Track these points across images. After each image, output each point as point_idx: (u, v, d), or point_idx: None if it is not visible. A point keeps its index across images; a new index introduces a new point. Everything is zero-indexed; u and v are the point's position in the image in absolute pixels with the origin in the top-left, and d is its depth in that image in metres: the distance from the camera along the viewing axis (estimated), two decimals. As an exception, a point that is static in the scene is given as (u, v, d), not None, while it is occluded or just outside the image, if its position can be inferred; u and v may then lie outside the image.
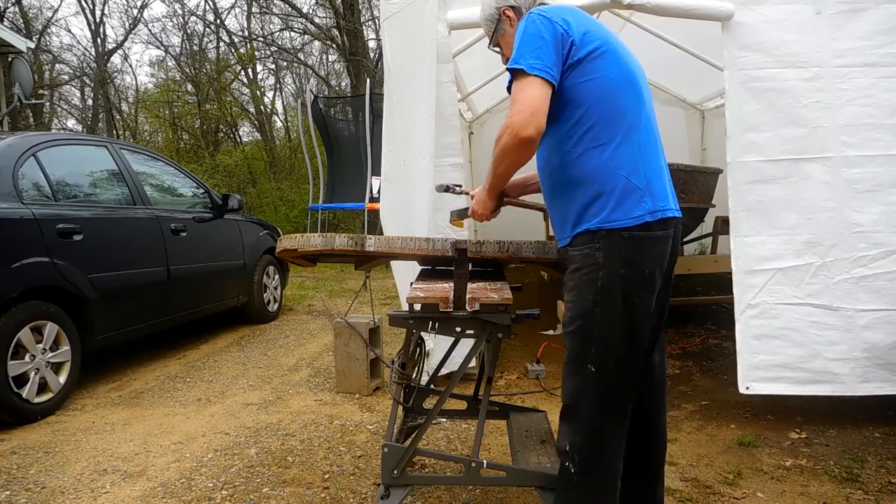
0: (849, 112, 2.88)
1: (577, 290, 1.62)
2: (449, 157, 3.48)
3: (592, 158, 1.59)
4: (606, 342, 1.59)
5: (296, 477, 2.54)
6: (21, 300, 3.22)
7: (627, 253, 1.57)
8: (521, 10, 1.82)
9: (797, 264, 2.89)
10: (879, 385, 2.82)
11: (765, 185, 2.93)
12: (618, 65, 1.63)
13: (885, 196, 2.85)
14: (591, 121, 1.60)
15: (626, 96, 1.63)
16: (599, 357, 1.60)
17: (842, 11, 2.90)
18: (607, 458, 1.63)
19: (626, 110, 1.62)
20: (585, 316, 1.60)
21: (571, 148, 1.62)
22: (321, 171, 10.14)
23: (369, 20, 15.87)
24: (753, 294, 2.90)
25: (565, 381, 1.69)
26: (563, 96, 1.61)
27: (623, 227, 1.56)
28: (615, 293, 1.57)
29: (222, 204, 5.21)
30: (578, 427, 1.63)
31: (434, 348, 3.32)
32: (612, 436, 1.64)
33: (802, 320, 2.87)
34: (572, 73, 1.60)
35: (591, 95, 1.60)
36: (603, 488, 1.63)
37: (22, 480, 2.54)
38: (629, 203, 1.57)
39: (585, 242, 1.61)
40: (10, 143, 3.54)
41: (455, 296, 1.89)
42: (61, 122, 20.09)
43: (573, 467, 1.62)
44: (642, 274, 1.59)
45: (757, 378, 2.88)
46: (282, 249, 2.06)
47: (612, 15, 5.01)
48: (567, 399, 1.68)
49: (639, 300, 1.59)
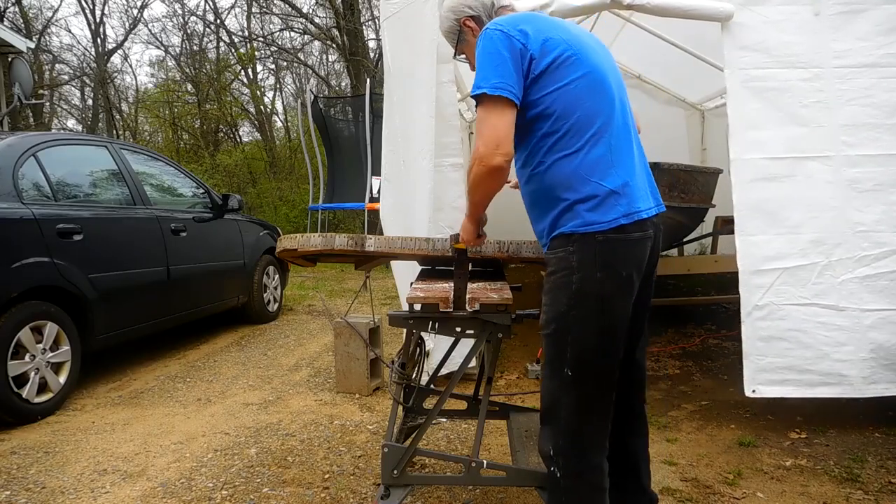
0: (848, 112, 2.88)
1: (552, 294, 1.63)
2: (449, 157, 3.48)
3: (563, 167, 1.60)
4: (582, 345, 1.59)
5: (296, 477, 2.54)
6: (21, 300, 3.22)
7: (602, 256, 1.57)
8: (481, 19, 1.82)
9: (803, 264, 2.86)
10: (886, 386, 2.79)
11: (768, 183, 2.91)
12: (583, 68, 1.61)
13: (886, 195, 2.85)
14: (560, 130, 1.59)
15: (595, 99, 1.61)
16: (575, 360, 1.60)
17: (840, 13, 2.90)
18: (592, 460, 1.63)
19: (595, 114, 1.60)
20: (560, 319, 1.61)
21: (542, 158, 1.63)
22: (321, 171, 10.14)
23: (369, 20, 15.88)
24: (760, 295, 2.86)
25: (543, 384, 1.70)
26: (531, 109, 1.61)
27: (597, 230, 1.56)
28: (590, 296, 1.57)
29: (222, 204, 5.21)
30: (559, 430, 1.63)
31: (434, 348, 3.32)
32: (594, 437, 1.64)
33: (810, 321, 2.83)
34: (536, 85, 1.60)
35: (558, 105, 1.59)
36: (591, 489, 1.63)
37: (22, 480, 2.54)
38: (603, 207, 1.57)
39: (560, 246, 1.62)
40: (10, 143, 3.54)
41: (455, 296, 1.89)
42: (61, 122, 20.10)
43: (559, 471, 1.62)
44: (619, 276, 1.58)
45: (763, 381, 2.83)
46: (282, 249, 2.06)
47: (612, 15, 5.02)
48: (546, 401, 1.68)
49: (615, 303, 1.59)
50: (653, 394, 3.51)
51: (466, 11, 1.84)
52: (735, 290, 2.97)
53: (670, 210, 4.06)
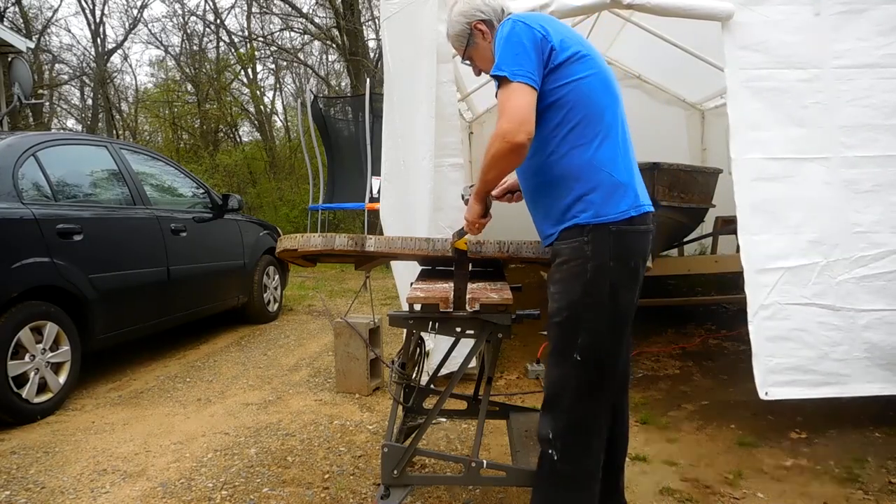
0: (847, 113, 2.88)
1: (565, 283, 1.68)
2: (449, 157, 3.48)
3: (576, 157, 1.66)
4: (593, 333, 1.65)
5: (296, 477, 2.54)
6: (21, 300, 3.22)
7: (615, 247, 1.64)
8: (492, 23, 1.86)
9: (804, 263, 2.87)
10: (882, 386, 2.81)
11: (769, 183, 2.92)
12: (595, 67, 1.70)
13: (885, 196, 2.86)
14: (573, 121, 1.66)
15: (605, 97, 1.70)
16: (585, 347, 1.65)
17: (840, 13, 2.90)
18: (591, 446, 1.68)
19: (605, 110, 1.69)
20: (573, 307, 1.66)
21: (555, 148, 1.68)
22: (321, 171, 10.13)
23: (369, 20, 15.86)
24: (765, 294, 2.86)
25: (549, 372, 1.74)
26: (546, 99, 1.67)
27: (610, 221, 1.63)
28: (603, 285, 1.63)
29: (222, 204, 5.21)
30: (561, 416, 1.68)
31: (434, 348, 3.32)
32: (594, 425, 1.69)
33: (811, 321, 2.84)
34: (553, 76, 1.66)
35: (573, 97, 1.66)
36: (587, 476, 1.67)
37: (22, 480, 2.54)
38: (615, 198, 1.65)
39: (574, 236, 1.67)
40: (10, 143, 3.54)
41: (455, 296, 1.89)
42: (61, 121, 20.09)
43: (556, 454, 1.66)
44: (628, 267, 1.66)
45: (774, 383, 2.81)
46: (282, 249, 2.06)
47: (612, 15, 5.02)
48: (550, 389, 1.72)
49: (625, 292, 1.66)
50: (653, 394, 3.51)
51: (478, 15, 1.86)
52: (735, 290, 2.98)
53: (670, 210, 4.09)
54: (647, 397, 3.44)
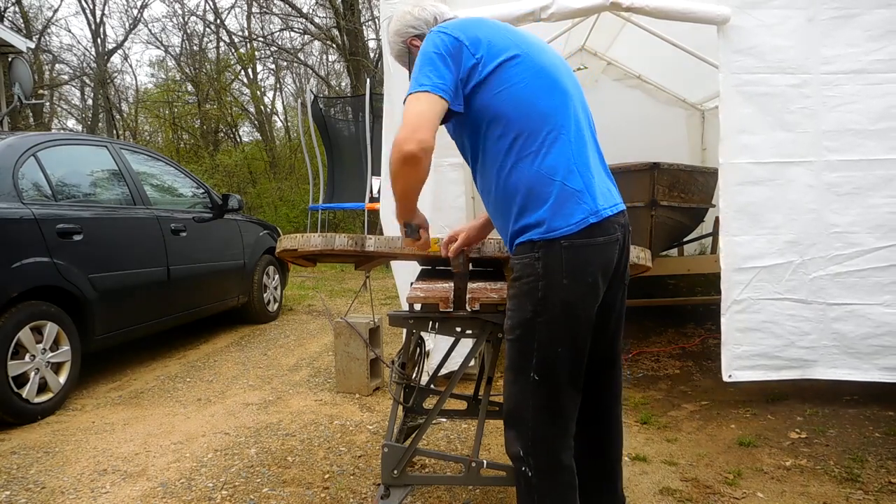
0: (833, 118, 2.97)
1: (517, 300, 1.60)
2: (449, 157, 3.47)
3: (523, 169, 1.55)
4: (547, 352, 1.57)
5: (296, 477, 2.54)
6: (21, 300, 3.21)
7: (568, 263, 1.53)
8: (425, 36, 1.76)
9: (779, 262, 3.04)
10: (849, 371, 3.01)
11: (754, 187, 3.04)
12: (534, 68, 1.59)
13: (864, 199, 2.97)
14: (514, 132, 1.55)
15: (548, 98, 1.58)
16: (541, 366, 1.57)
17: (833, 18, 2.95)
18: (562, 460, 1.62)
19: (549, 113, 1.57)
20: (525, 325, 1.58)
21: (502, 162, 1.58)
22: (321, 171, 10.14)
23: (369, 20, 15.87)
24: (739, 290, 3.05)
25: (506, 388, 1.65)
26: (483, 113, 1.58)
27: (562, 235, 1.52)
28: (555, 303, 1.54)
29: (222, 204, 5.20)
30: (526, 432, 1.61)
31: (434, 348, 3.32)
32: (561, 439, 1.62)
33: (781, 314, 3.04)
34: (484, 88, 1.56)
35: (509, 106, 1.55)
36: (566, 487, 1.62)
37: (22, 480, 2.54)
38: (566, 209, 1.53)
39: (525, 252, 1.58)
40: (10, 143, 3.54)
41: (455, 296, 1.89)
42: (61, 122, 20.11)
43: (530, 471, 1.59)
44: (584, 283, 1.55)
45: (738, 367, 3.06)
46: (282, 249, 2.06)
47: (612, 15, 5.01)
48: (509, 405, 1.65)
49: (580, 309, 1.56)
50: (653, 394, 3.52)
51: (411, 31, 1.81)
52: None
53: (670, 210, 4.09)
54: (647, 397, 3.44)
